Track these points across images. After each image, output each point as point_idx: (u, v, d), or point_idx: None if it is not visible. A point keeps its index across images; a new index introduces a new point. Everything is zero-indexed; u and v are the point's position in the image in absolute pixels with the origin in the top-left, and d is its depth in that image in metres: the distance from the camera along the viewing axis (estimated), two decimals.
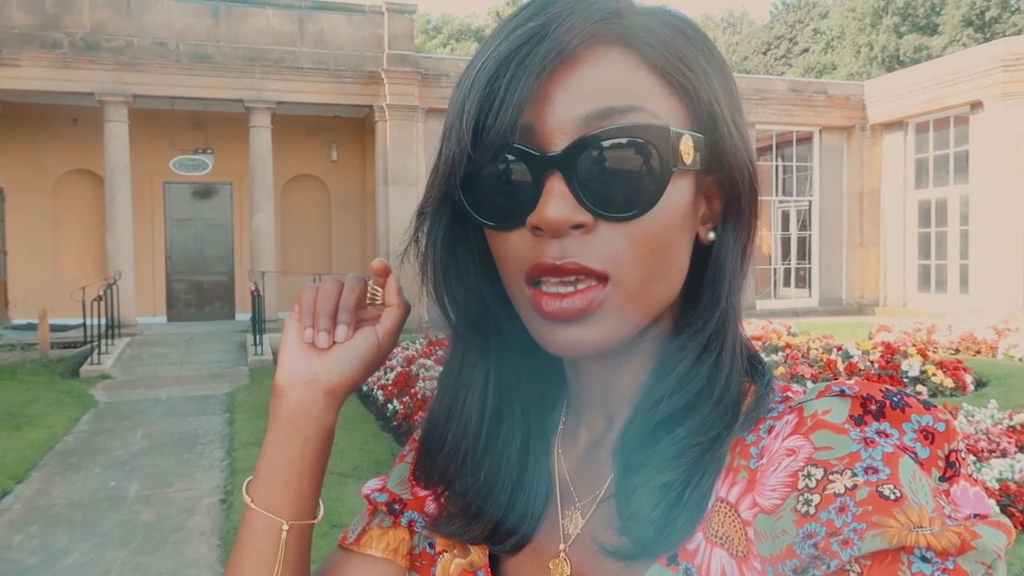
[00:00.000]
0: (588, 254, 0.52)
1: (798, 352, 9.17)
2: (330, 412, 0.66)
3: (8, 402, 8.45)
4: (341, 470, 5.56)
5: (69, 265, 15.70)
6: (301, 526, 0.65)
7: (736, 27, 47.36)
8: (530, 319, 0.56)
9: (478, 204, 0.55)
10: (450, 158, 0.54)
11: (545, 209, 0.51)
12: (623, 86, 0.52)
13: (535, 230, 0.52)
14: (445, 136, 0.55)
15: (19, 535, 4.60)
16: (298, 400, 0.65)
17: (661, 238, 0.53)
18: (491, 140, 0.51)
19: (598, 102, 0.51)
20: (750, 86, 17.12)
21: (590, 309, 0.52)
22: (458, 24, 47.25)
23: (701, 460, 0.53)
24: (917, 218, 17.40)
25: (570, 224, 0.51)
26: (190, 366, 11.28)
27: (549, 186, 0.51)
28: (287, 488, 0.65)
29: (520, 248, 0.54)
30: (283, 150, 15.36)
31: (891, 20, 31.89)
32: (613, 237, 0.52)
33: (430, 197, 0.58)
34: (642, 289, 0.53)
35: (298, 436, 0.65)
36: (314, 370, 0.65)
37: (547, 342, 0.55)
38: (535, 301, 0.54)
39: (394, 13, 14.80)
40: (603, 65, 0.52)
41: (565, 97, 0.51)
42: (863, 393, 0.49)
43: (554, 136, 0.51)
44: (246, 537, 0.65)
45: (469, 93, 0.52)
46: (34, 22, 13.04)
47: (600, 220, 0.52)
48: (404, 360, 9.52)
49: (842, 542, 0.42)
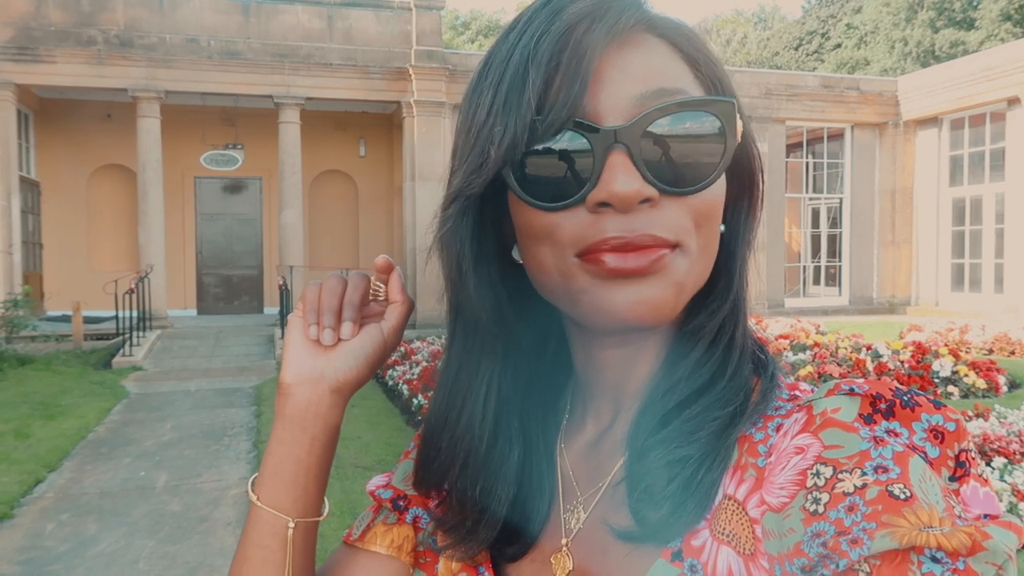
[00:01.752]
0: (657, 226, 0.51)
1: (826, 351, 9.07)
2: (336, 410, 0.66)
3: (42, 392, 8.63)
4: (366, 464, 5.60)
5: (102, 258, 15.98)
6: (307, 523, 0.66)
7: (767, 22, 46.83)
8: (584, 288, 0.53)
9: (528, 183, 0.53)
10: (510, 133, 0.52)
11: (613, 183, 0.50)
12: (667, 71, 0.54)
13: (599, 207, 0.51)
14: (488, 115, 0.53)
15: (51, 523, 4.69)
16: (304, 398, 0.65)
17: (715, 213, 0.55)
18: (555, 115, 0.51)
19: (649, 84, 0.52)
20: (780, 82, 16.92)
21: (657, 268, 0.52)
22: (486, 20, 47.25)
23: (716, 441, 0.53)
24: (951, 216, 17.10)
25: (640, 197, 0.51)
26: (219, 359, 11.43)
27: (612, 161, 0.51)
28: (293, 486, 0.65)
29: (573, 227, 0.52)
30: (312, 146, 15.48)
31: (927, 15, 31.33)
32: (678, 210, 0.52)
33: (475, 179, 0.54)
34: (699, 261, 0.54)
35: (304, 434, 0.65)
36: (320, 368, 0.65)
37: (607, 305, 0.53)
38: (596, 262, 0.52)
39: (422, 9, 14.84)
40: (647, 50, 0.54)
41: (619, 76, 0.52)
42: (873, 392, 0.48)
43: (608, 114, 0.52)
44: (252, 534, 0.65)
45: (527, 69, 0.52)
46: (70, 20, 13.27)
47: (664, 195, 0.52)
48: (430, 355, 9.58)
49: (851, 541, 0.42)
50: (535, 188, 0.53)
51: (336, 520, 4.43)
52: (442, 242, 0.58)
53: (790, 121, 16.94)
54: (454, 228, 0.57)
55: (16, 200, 13.29)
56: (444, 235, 0.58)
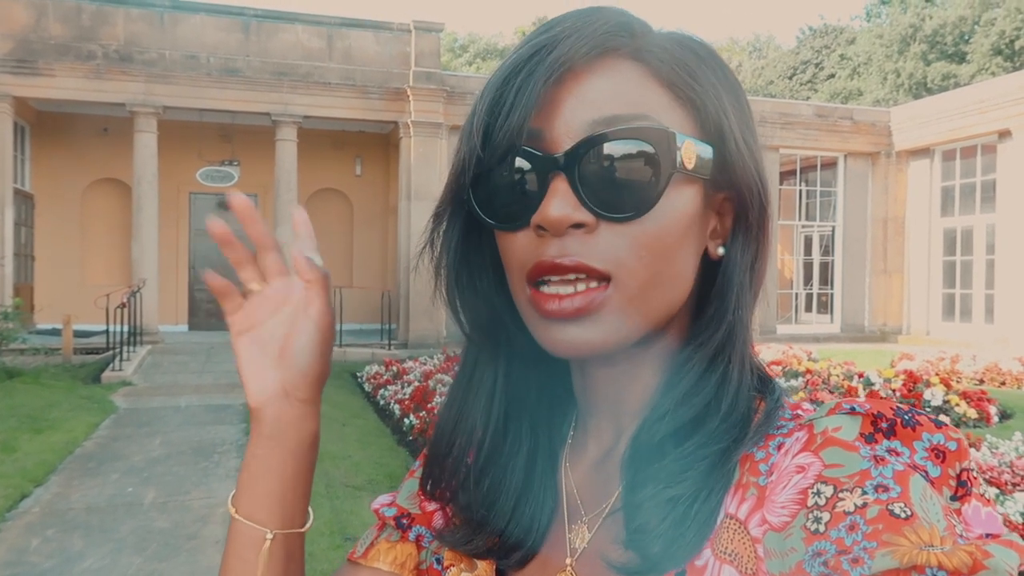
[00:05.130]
0: (589, 253, 0.53)
1: (819, 378, 9.08)
2: (309, 419, 0.65)
3: (30, 405, 8.55)
4: (356, 483, 5.56)
5: (95, 272, 15.92)
6: (287, 535, 0.65)
7: (762, 51, 47.32)
8: (531, 319, 0.57)
9: (486, 205, 0.56)
10: (461, 159, 0.56)
11: (547, 208, 0.52)
12: (630, 96, 0.54)
13: (538, 229, 0.53)
14: (460, 140, 0.57)
15: (36, 538, 4.63)
16: (274, 416, 0.64)
17: (662, 242, 0.54)
18: (499, 142, 0.53)
19: (604, 110, 0.53)
20: (775, 110, 17.09)
21: (589, 309, 0.53)
22: (484, 43, 47.61)
23: (709, 475, 0.52)
24: (942, 246, 17.22)
25: (571, 222, 0.52)
26: (209, 375, 11.36)
27: (553, 186, 0.53)
28: (269, 498, 0.64)
29: (523, 248, 0.55)
30: (308, 164, 15.51)
31: (919, 47, 31.72)
32: (614, 238, 0.53)
33: (442, 199, 0.60)
34: (643, 292, 0.54)
35: (279, 448, 0.64)
36: (279, 381, 0.64)
37: (546, 342, 0.56)
38: (535, 301, 0.55)
39: (421, 31, 14.96)
40: (611, 76, 0.54)
41: (573, 103, 0.53)
42: (874, 411, 0.49)
43: (561, 141, 0.53)
44: (231, 546, 0.65)
45: (481, 98, 0.55)
46: (70, 34, 13.32)
47: (601, 221, 0.53)
48: (421, 375, 9.54)
49: (852, 560, 0.42)
50: (493, 209, 0.56)
51: (326, 540, 4.39)
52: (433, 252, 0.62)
53: (784, 149, 17.08)
54: (441, 240, 0.61)
55: (9, 212, 13.26)
56: (435, 247, 0.62)
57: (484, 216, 0.57)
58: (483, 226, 0.59)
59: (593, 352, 0.54)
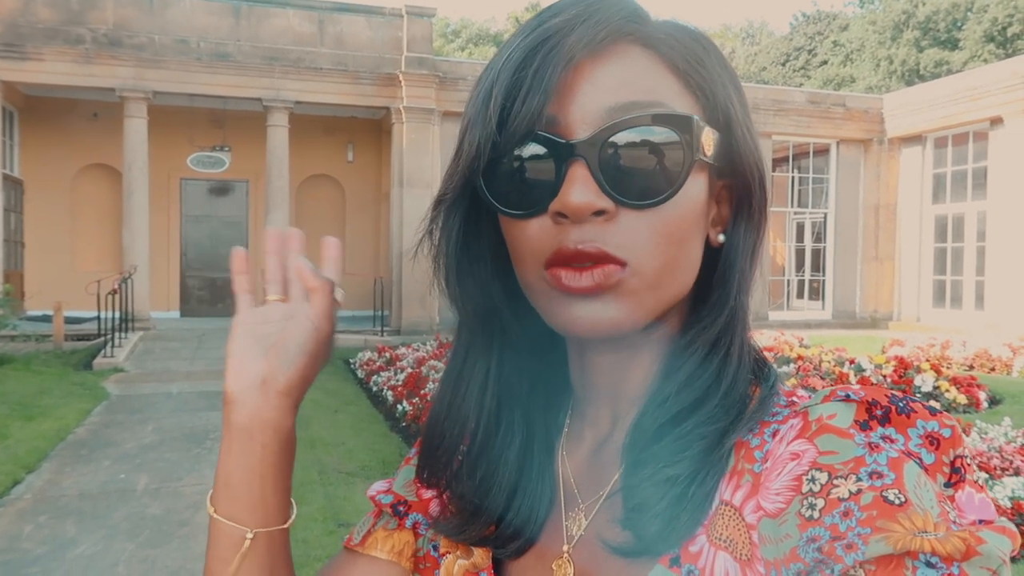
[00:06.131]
0: (608, 240, 0.52)
1: (810, 364, 9.13)
2: (286, 414, 0.64)
3: (21, 392, 8.52)
4: (349, 469, 5.57)
5: (85, 259, 15.83)
6: (268, 532, 0.64)
7: (755, 38, 47.22)
8: (548, 301, 0.56)
9: (499, 192, 0.55)
10: (475, 144, 0.54)
11: (568, 195, 0.52)
12: (645, 83, 0.54)
13: (557, 217, 0.53)
14: (467, 125, 0.55)
15: (28, 525, 4.63)
16: (250, 406, 0.63)
17: (679, 229, 0.54)
18: (516, 126, 0.52)
19: (621, 96, 0.53)
20: (768, 97, 17.07)
21: (608, 284, 0.53)
22: (476, 29, 47.36)
23: (706, 456, 0.53)
24: (933, 233, 17.28)
25: (592, 210, 0.52)
26: (202, 361, 11.34)
27: (572, 173, 0.52)
28: (248, 496, 0.63)
29: (540, 236, 0.54)
30: (299, 150, 15.42)
31: (912, 34, 31.72)
32: (634, 225, 0.53)
33: (450, 185, 0.58)
34: (659, 278, 0.54)
35: (253, 443, 0.63)
36: (262, 373, 0.64)
37: (563, 320, 0.55)
38: (554, 278, 0.54)
39: (413, 16, 14.87)
40: (626, 62, 0.54)
41: (589, 89, 0.53)
42: (868, 398, 0.49)
43: (577, 127, 0.53)
44: (212, 546, 0.64)
45: (496, 80, 0.54)
46: (58, 18, 13.19)
47: (621, 208, 0.53)
48: (415, 361, 9.55)
49: (846, 546, 0.42)
50: (505, 196, 0.55)
51: (319, 526, 4.41)
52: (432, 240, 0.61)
53: (776, 136, 17.08)
54: (442, 227, 0.60)
55: None
56: (434, 235, 0.61)
57: (497, 204, 0.56)
58: (485, 213, 0.59)
59: (612, 331, 0.54)
